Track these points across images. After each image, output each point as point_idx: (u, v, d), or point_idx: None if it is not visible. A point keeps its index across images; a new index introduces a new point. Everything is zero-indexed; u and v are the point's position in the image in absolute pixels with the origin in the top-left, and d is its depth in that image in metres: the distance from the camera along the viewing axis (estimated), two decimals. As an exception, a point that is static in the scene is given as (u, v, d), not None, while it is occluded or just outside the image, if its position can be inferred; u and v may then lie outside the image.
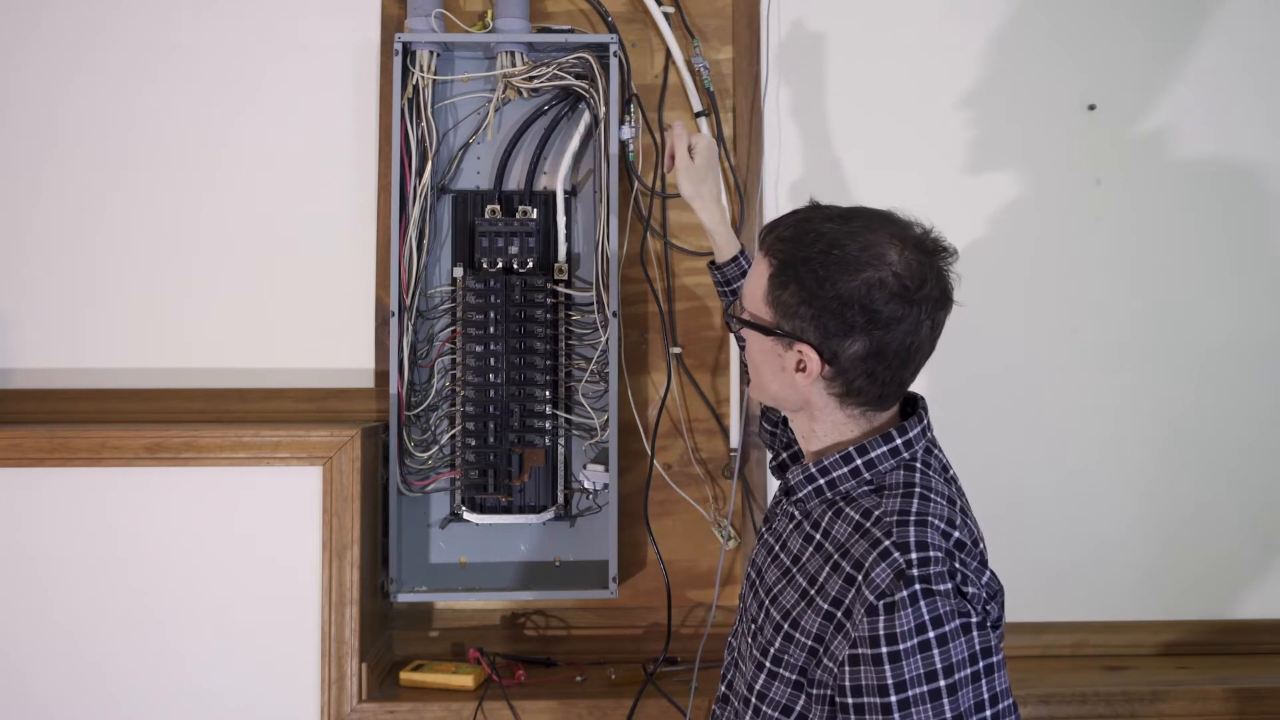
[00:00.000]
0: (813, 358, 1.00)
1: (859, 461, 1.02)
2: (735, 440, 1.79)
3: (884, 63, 1.83)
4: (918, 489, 0.99)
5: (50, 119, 1.79)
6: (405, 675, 1.66)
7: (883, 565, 0.93)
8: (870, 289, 0.96)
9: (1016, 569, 1.73)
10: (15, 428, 1.63)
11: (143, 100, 1.80)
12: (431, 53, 1.74)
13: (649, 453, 1.77)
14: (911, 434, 1.03)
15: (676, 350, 1.81)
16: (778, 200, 1.81)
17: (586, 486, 1.76)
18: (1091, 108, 1.84)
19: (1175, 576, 1.82)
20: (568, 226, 1.77)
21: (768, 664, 1.02)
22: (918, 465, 1.02)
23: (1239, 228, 1.84)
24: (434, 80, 1.75)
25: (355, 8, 1.80)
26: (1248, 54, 1.85)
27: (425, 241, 1.75)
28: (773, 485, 1.69)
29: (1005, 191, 1.83)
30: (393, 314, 1.72)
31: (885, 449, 1.02)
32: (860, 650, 0.93)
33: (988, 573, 0.99)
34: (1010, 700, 0.95)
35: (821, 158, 1.83)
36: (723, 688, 1.16)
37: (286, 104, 1.80)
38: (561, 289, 1.74)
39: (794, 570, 1.04)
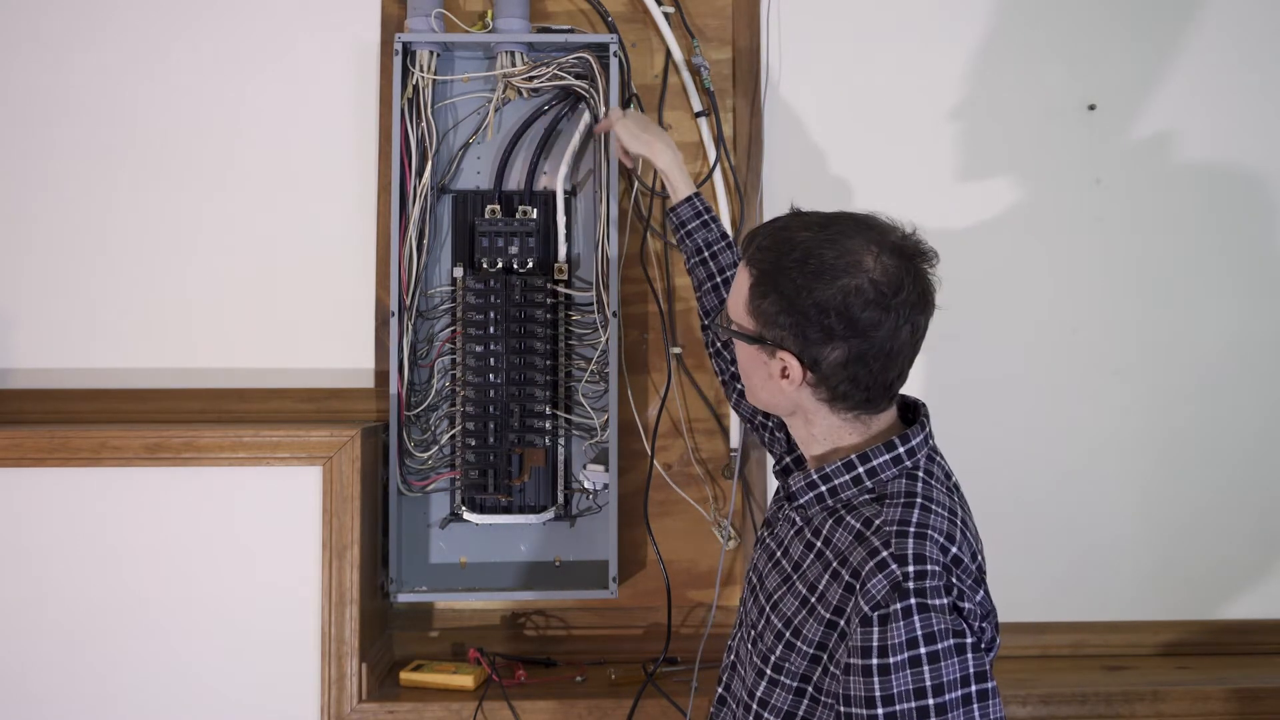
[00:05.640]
0: (794, 365, 1.00)
1: (861, 469, 1.02)
2: (735, 440, 1.79)
3: (883, 63, 1.83)
4: (919, 499, 0.98)
5: (50, 119, 1.79)
6: (405, 675, 1.66)
7: (879, 576, 0.92)
8: (847, 296, 0.96)
9: (1016, 569, 1.76)
10: (15, 428, 1.63)
11: (142, 100, 1.80)
12: (431, 53, 1.74)
13: (649, 453, 1.77)
14: (914, 442, 1.02)
15: (676, 350, 1.81)
16: (778, 200, 1.81)
17: (586, 486, 1.76)
18: (1091, 108, 1.84)
19: (1175, 577, 1.82)
20: (568, 226, 1.76)
21: (769, 671, 1.02)
22: (919, 474, 1.02)
23: (1239, 228, 1.84)
24: (434, 80, 1.75)
25: (355, 8, 1.80)
26: (1248, 54, 1.85)
27: (425, 241, 1.75)
28: (773, 485, 1.69)
29: (1005, 192, 1.83)
30: (393, 314, 1.72)
31: (888, 457, 1.01)
32: (853, 660, 0.92)
33: (981, 592, 0.98)
34: None
35: (821, 158, 1.83)
36: (720, 689, 1.16)
37: (286, 104, 1.80)
38: (561, 289, 1.74)
39: (794, 577, 1.04)
